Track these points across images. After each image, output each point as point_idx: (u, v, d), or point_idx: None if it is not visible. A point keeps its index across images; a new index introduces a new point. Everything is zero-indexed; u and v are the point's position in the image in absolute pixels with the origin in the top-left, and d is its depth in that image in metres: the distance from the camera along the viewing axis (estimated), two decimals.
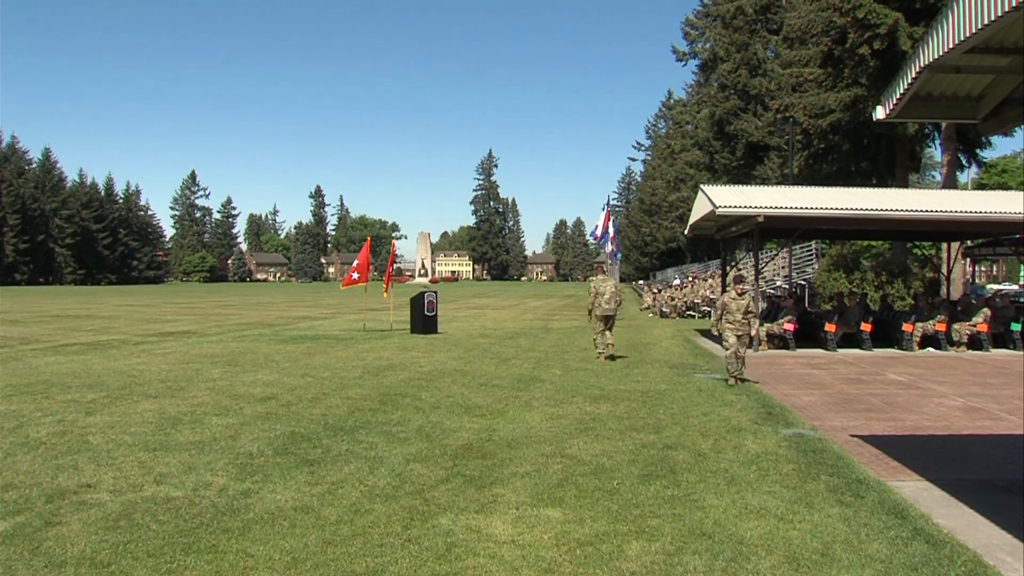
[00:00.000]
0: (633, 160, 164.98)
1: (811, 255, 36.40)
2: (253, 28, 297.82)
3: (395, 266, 29.98)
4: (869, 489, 6.85)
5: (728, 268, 24.71)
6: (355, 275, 24.72)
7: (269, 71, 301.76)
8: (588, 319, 16.81)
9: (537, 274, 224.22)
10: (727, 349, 13.12)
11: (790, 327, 19.33)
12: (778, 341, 19.62)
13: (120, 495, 6.57)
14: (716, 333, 13.57)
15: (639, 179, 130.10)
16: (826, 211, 18.73)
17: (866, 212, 18.71)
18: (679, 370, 15.15)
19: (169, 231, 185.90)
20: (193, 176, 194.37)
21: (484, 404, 11.09)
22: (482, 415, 10.24)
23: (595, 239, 35.27)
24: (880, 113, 7.21)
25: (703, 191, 20.75)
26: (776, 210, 18.54)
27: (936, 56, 5.81)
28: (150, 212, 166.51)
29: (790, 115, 32.90)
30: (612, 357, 16.51)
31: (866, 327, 19.42)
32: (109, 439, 8.66)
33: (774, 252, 35.10)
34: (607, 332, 16.35)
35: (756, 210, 18.44)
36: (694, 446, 8.48)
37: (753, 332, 13.41)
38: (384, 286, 26.16)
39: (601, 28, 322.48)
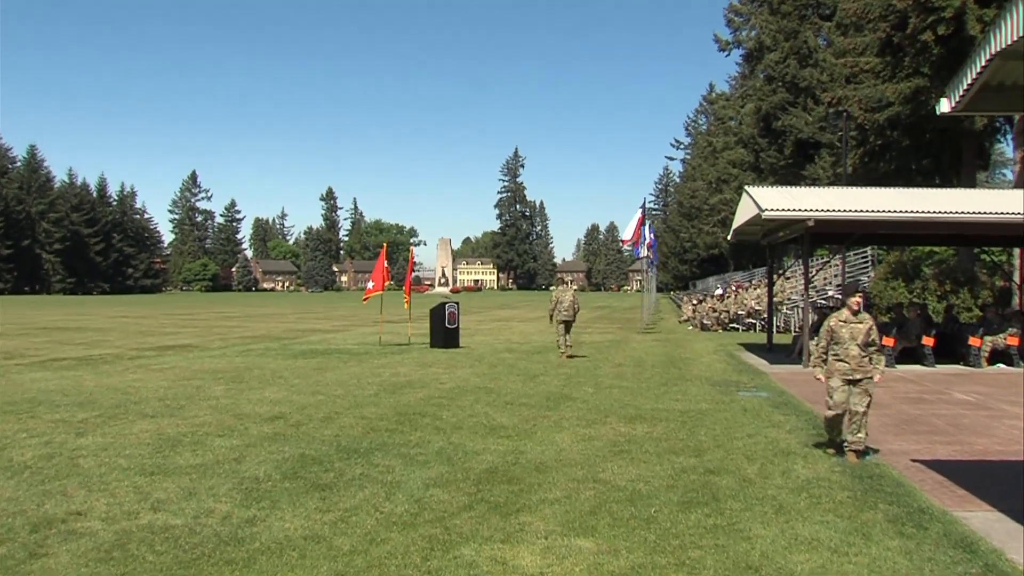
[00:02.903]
0: (671, 159, 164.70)
1: (866, 262, 36.08)
2: (257, 19, 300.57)
3: (414, 274, 30.13)
4: (933, 520, 6.76)
5: (776, 276, 24.58)
6: (370, 284, 25.06)
7: (275, 64, 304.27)
8: (550, 322, 21.14)
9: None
10: (830, 408, 9.20)
11: None
12: None
13: (113, 523, 6.62)
14: (820, 378, 9.45)
15: (678, 180, 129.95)
16: (883, 214, 18.58)
17: (928, 215, 18.53)
18: (722, 388, 15.07)
19: (168, 236, 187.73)
20: (194, 177, 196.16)
21: (510, 424, 11.09)
22: (508, 436, 10.23)
23: (624, 243, 35.26)
24: (945, 106, 7.14)
25: (748, 193, 20.66)
26: (828, 213, 18.42)
27: (1009, 42, 5.75)
28: (147, 216, 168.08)
29: (844, 109, 32.68)
30: (571, 356, 20.37)
31: (928, 341, 19.21)
32: (101, 462, 8.73)
33: (825, 259, 34.80)
34: (567, 335, 20.50)
35: (806, 213, 18.33)
36: (739, 471, 8.42)
37: (878, 377, 9.20)
38: (405, 295, 26.27)
39: (636, 16, 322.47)
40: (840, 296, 29.49)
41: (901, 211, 18.62)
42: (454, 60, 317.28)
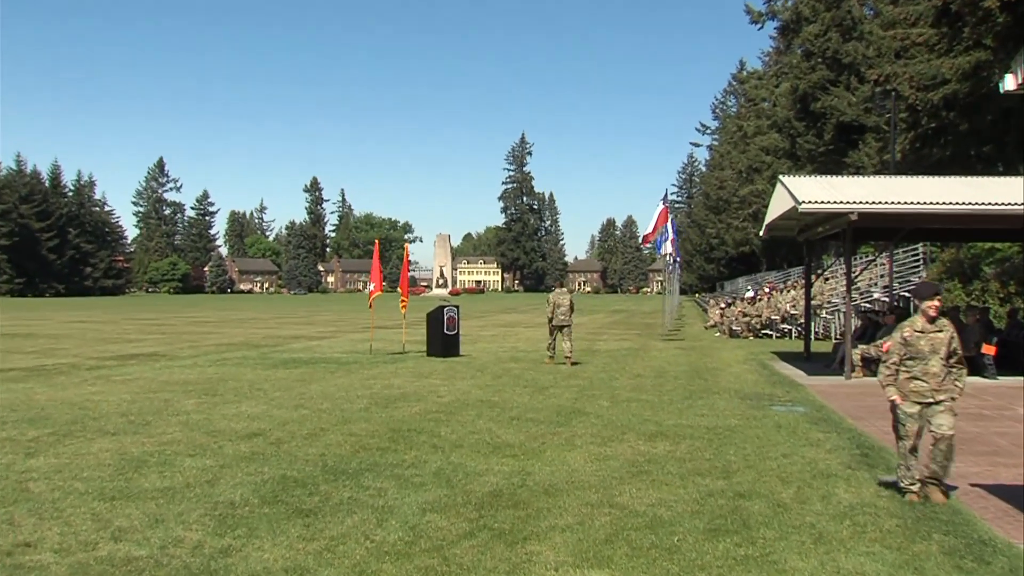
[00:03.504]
0: (696, 146, 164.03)
1: (917, 261, 36.02)
2: None
3: (408, 274, 30.31)
4: (996, 553, 6.73)
5: (814, 277, 24.49)
6: (371, 286, 25.57)
7: (252, 40, 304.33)
8: (550, 330, 22.40)
9: (580, 285, 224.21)
10: (902, 436, 8.45)
11: None
12: (876, 366, 19.38)
13: (68, 555, 6.60)
14: (895, 399, 8.49)
15: (703, 169, 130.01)
16: (937, 207, 18.55)
17: (989, 207, 18.48)
18: (753, 401, 15.08)
19: (131, 232, 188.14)
20: (161, 165, 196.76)
21: (516, 442, 11.10)
22: (514, 455, 10.25)
23: (645, 243, 35.24)
24: (1010, 83, 7.13)
25: (782, 183, 20.65)
26: (873, 206, 18.39)
27: None
28: (107, 208, 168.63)
29: (892, 88, 32.58)
30: (574, 363, 21.46)
31: (989, 350, 19.16)
32: (55, 486, 8.72)
33: (871, 257, 34.78)
34: (566, 341, 21.62)
35: (848, 206, 18.30)
36: (772, 495, 8.40)
37: (958, 394, 8.50)
38: (401, 298, 26.34)
39: None
40: (887, 299, 29.52)
41: (957, 203, 18.58)
42: (452, 35, 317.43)
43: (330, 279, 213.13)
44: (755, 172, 62.92)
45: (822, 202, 18.51)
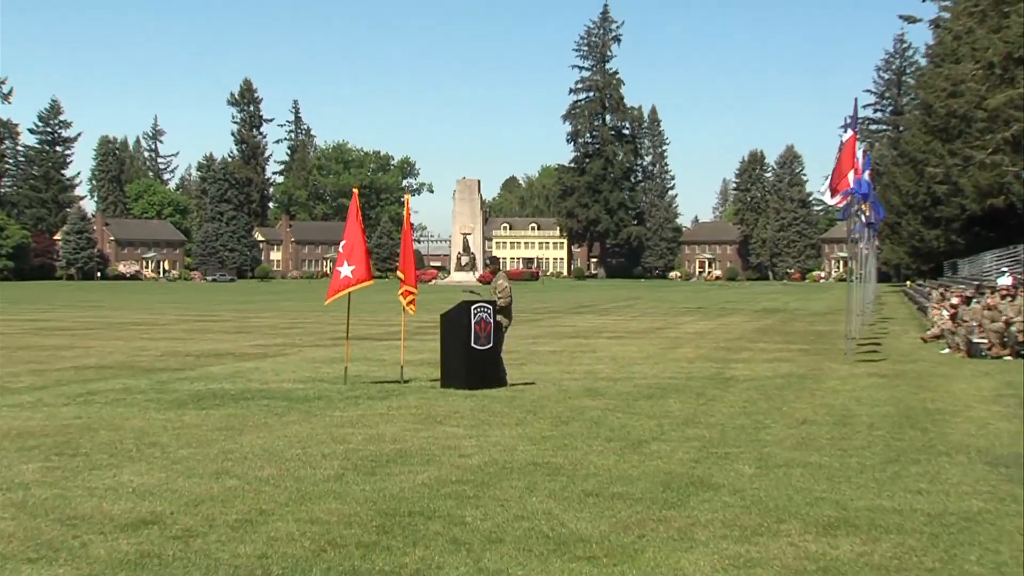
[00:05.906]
0: (911, 22, 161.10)
1: None
2: None
3: (412, 247, 30.02)
4: None
5: None
6: (344, 269, 24.48)
7: None
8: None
9: (701, 266, 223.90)
10: None
11: None
12: None
13: None
14: None
15: (921, 62, 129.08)
16: None
17: None
18: (1012, 470, 14.95)
19: None
20: None
21: (595, 535, 11.09)
22: (591, 557, 10.23)
23: (835, 189, 34.86)
24: None
25: None
26: None
27: None
28: None
29: None
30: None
31: None
32: None
33: None
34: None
35: None
36: None
37: None
38: (403, 286, 25.67)
39: None
40: None
41: None
42: None
43: (275, 255, 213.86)
44: (1018, 64, 62.29)
45: None
